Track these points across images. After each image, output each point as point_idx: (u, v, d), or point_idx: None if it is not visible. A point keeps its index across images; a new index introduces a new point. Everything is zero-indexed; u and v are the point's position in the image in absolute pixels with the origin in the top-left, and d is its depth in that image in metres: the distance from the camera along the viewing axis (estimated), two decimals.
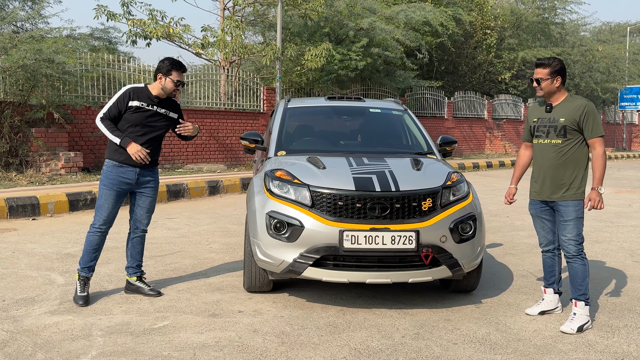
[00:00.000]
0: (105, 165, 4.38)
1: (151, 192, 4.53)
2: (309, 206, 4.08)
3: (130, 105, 4.31)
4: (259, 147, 5.21)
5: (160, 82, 4.37)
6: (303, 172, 4.32)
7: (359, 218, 4.01)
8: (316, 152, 4.93)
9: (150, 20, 13.65)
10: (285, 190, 4.21)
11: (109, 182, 4.32)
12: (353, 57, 15.73)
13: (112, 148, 4.35)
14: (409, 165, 4.53)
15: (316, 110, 5.79)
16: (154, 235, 6.80)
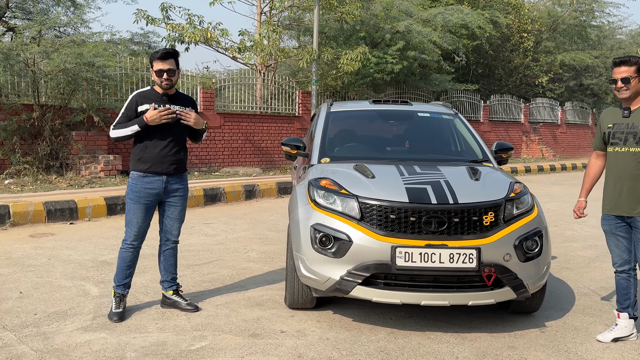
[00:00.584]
0: (130, 177, 4.03)
1: (180, 201, 4.15)
2: (358, 219, 3.66)
3: (140, 112, 3.96)
4: (300, 153, 4.82)
5: (153, 77, 3.99)
6: (350, 182, 3.91)
7: (413, 233, 3.58)
8: (362, 159, 4.51)
9: (189, 24, 13.45)
10: (331, 201, 3.81)
11: (135, 196, 3.98)
12: (389, 61, 15.25)
13: (135, 158, 4.01)
14: (466, 174, 4.08)
15: (361, 114, 5.36)
16: (191, 242, 6.49)
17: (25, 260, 5.47)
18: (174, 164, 4.02)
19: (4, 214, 7.06)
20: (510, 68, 24.40)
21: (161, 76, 3.89)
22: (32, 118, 10.39)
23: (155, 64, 3.90)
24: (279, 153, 14.73)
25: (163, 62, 3.88)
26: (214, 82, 13.47)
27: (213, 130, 13.43)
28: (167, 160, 3.98)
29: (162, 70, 3.88)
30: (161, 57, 3.89)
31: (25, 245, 6.13)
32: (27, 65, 10.30)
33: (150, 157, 3.95)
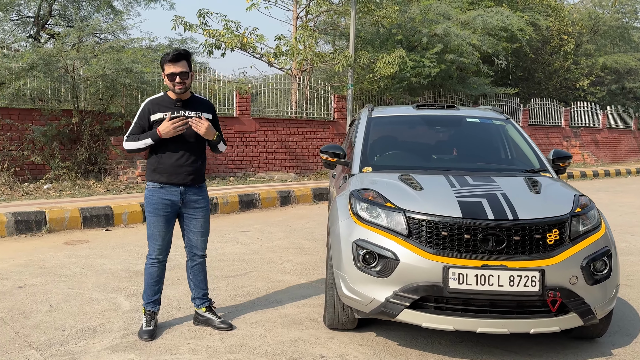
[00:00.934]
0: (146, 188, 3.76)
1: (202, 213, 3.82)
2: (405, 235, 3.30)
3: (153, 121, 3.65)
4: (340, 161, 4.47)
5: (165, 82, 3.65)
6: (396, 194, 3.55)
7: (467, 252, 3.20)
8: (407, 168, 4.14)
9: (226, 30, 13.29)
10: (375, 215, 3.46)
11: (153, 208, 3.70)
12: (426, 64, 14.78)
13: (150, 168, 3.74)
14: (525, 186, 3.67)
15: (404, 120, 4.98)
16: (226, 251, 6.23)
17: (58, 270, 5.28)
18: (191, 174, 3.71)
19: (40, 220, 6.94)
20: (550, 71, 23.55)
21: (173, 80, 3.56)
22: (72, 123, 10.36)
23: (167, 67, 3.57)
24: (314, 158, 14.44)
25: (175, 64, 3.55)
26: (250, 87, 13.28)
27: (248, 135, 13.23)
28: (184, 170, 3.69)
29: (174, 74, 3.55)
30: (172, 59, 3.55)
31: (60, 253, 5.97)
32: (66, 71, 10.27)
33: (165, 167, 3.67)
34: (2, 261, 5.52)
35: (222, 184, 11.28)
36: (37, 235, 6.83)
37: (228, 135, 12.87)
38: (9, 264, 5.44)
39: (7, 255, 5.78)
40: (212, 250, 6.21)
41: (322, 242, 6.83)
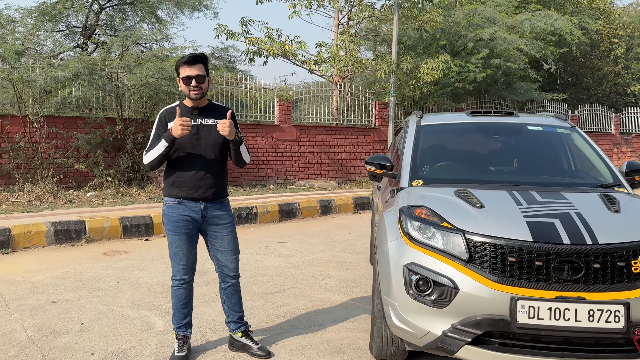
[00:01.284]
0: (164, 204, 3.41)
1: (227, 230, 3.47)
2: (465, 260, 2.87)
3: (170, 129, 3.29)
4: (387, 173, 4.05)
5: (180, 88, 3.32)
6: (453, 212, 3.12)
7: (539, 281, 2.75)
8: (462, 182, 3.70)
9: (267, 38, 13.07)
10: (429, 235, 3.04)
11: (173, 226, 3.36)
12: (471, 69, 14.19)
13: (168, 183, 3.40)
14: (601, 204, 3.19)
15: (457, 128, 4.52)
16: (265, 264, 5.90)
17: (93, 283, 5.06)
18: (212, 188, 3.38)
19: (80, 230, 6.79)
20: (599, 76, 22.47)
21: (189, 83, 3.23)
22: (115, 131, 10.30)
23: (182, 69, 3.25)
24: (354, 165, 14.05)
25: (191, 67, 3.24)
26: (291, 94, 13.00)
27: (289, 142, 12.95)
28: (204, 184, 3.35)
29: (190, 77, 3.22)
30: (188, 61, 3.24)
31: (97, 264, 5.77)
32: (110, 80, 10.23)
33: (184, 181, 3.34)
34: (39, 273, 5.35)
35: (262, 192, 11.01)
36: (77, 245, 6.68)
37: (269, 143, 12.64)
38: (45, 275, 5.26)
39: (44, 266, 5.62)
40: (251, 263, 5.91)
41: (364, 256, 6.43)
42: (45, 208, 8.20)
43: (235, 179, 12.01)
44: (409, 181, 3.79)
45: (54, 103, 9.96)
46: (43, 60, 10.01)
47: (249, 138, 12.31)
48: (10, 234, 6.22)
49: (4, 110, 9.72)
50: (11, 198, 8.67)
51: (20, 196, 8.76)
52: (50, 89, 9.87)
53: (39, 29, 13.95)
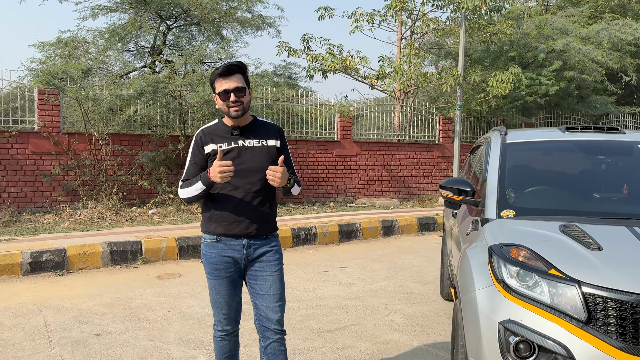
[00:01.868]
0: (202, 244, 2.81)
1: (271, 269, 2.75)
2: (582, 321, 2.18)
3: (207, 153, 2.71)
4: (468, 200, 3.36)
5: (217, 105, 2.71)
6: (563, 255, 2.43)
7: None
8: (564, 213, 2.99)
9: (328, 54, 12.64)
10: (531, 285, 2.36)
11: (212, 269, 2.74)
12: (543, 82, 13.15)
13: (205, 217, 2.79)
14: None
15: (552, 147, 3.75)
16: (324, 294, 5.32)
17: (142, 313, 4.64)
18: (256, 221, 2.71)
19: (136, 251, 6.47)
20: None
21: (227, 99, 2.63)
22: (178, 149, 10.11)
23: (218, 83, 2.65)
24: (417, 183, 13.29)
25: (227, 79, 2.63)
26: (351, 110, 12.46)
27: (349, 159, 12.39)
28: (247, 217, 2.69)
29: (227, 91, 2.62)
30: (224, 72, 2.63)
31: (149, 289, 5.38)
32: (174, 98, 10.06)
33: (223, 214, 2.70)
34: (89, 299, 5.00)
35: (322, 210, 10.48)
36: (132, 266, 6.35)
37: (329, 159, 12.13)
38: (95, 302, 4.90)
39: (96, 290, 5.28)
40: (309, 292, 5.35)
41: (433, 286, 5.72)
42: (106, 226, 8.00)
43: (296, 197, 11.56)
44: (497, 211, 3.10)
45: (120, 121, 9.90)
46: (109, 79, 9.97)
47: (308, 155, 11.85)
48: (65, 254, 5.96)
49: (72, 128, 9.72)
50: (74, 215, 8.56)
51: (83, 213, 8.64)
52: (116, 107, 9.81)
53: (109, 49, 14.15)
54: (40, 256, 5.80)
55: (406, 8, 12.46)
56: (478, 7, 11.62)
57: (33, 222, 8.12)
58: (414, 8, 12.59)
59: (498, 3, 12.31)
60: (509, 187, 3.31)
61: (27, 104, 9.13)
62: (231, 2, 14.38)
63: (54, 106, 9.14)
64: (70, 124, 9.88)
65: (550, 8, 18.56)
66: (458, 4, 11.78)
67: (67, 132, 9.34)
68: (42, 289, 5.28)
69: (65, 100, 9.44)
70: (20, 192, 8.92)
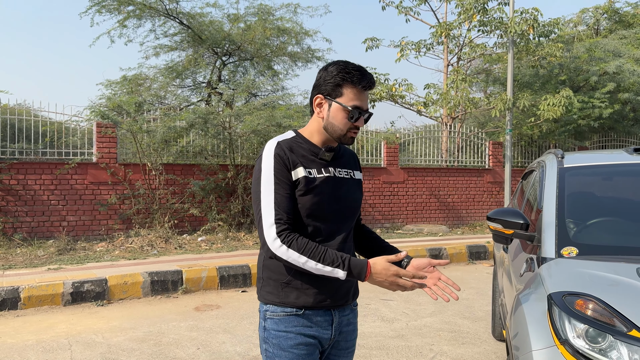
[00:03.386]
0: (270, 318, 1.82)
1: (351, 348, 1.97)
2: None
3: (297, 179, 1.77)
4: (520, 234, 2.72)
5: (319, 112, 1.82)
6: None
7: None
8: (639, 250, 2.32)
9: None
10: (605, 347, 1.73)
11: (293, 356, 1.78)
12: (596, 105, 12.12)
13: (275, 280, 1.81)
14: None
15: (619, 171, 3.05)
16: (364, 331, 4.72)
17: (172, 350, 4.21)
18: (351, 284, 1.88)
19: (177, 281, 6.11)
20: None
21: (358, 119, 1.80)
22: (227, 177, 9.88)
23: (351, 93, 1.77)
24: (466, 209, 12.45)
25: (364, 94, 1.80)
26: (398, 136, 11.89)
27: (396, 185, 11.76)
28: (344, 281, 1.78)
29: (361, 110, 1.80)
30: (366, 83, 1.78)
31: (184, 323, 4.96)
32: (224, 128, 9.88)
33: (314, 279, 1.78)
34: (122, 332, 4.63)
35: None
36: (172, 296, 5.99)
37: (375, 186, 11.55)
38: (126, 336, 4.53)
39: (130, 324, 4.92)
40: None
41: (484, 323, 5.01)
42: (154, 254, 7.75)
43: None
44: (557, 249, 2.45)
45: (174, 152, 9.80)
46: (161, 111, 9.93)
47: None
48: (106, 284, 5.67)
49: (128, 159, 9.69)
50: (126, 243, 8.39)
51: (134, 241, 8.46)
52: (170, 138, 9.72)
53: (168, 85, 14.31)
54: (82, 286, 5.54)
55: (452, 36, 11.87)
56: (526, 32, 10.89)
57: (87, 250, 7.99)
58: (459, 35, 11.99)
59: (547, 28, 11.54)
60: (569, 218, 2.65)
61: (86, 137, 9.17)
62: (281, 38, 14.25)
63: (111, 138, 9.12)
64: (127, 155, 9.87)
65: (601, 32, 17.41)
66: (505, 29, 11.11)
67: (123, 163, 9.29)
68: (79, 321, 4.97)
69: (122, 133, 9.44)
70: (78, 221, 8.88)
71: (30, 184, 8.47)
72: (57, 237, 8.25)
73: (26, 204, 8.40)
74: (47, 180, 8.61)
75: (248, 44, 14.18)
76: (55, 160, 8.79)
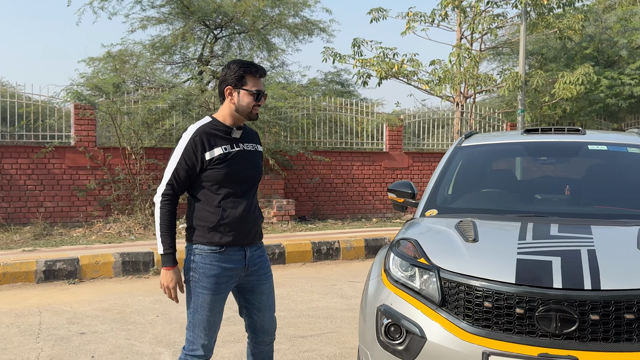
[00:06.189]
0: (198, 254, 2.82)
1: (267, 281, 3.00)
2: (437, 304, 2.63)
3: (209, 159, 2.77)
4: (409, 202, 3.85)
5: (231, 99, 2.82)
6: (438, 246, 2.88)
7: (520, 334, 2.42)
8: (484, 212, 3.39)
9: (376, 58, 13.20)
10: (410, 274, 2.83)
11: (211, 283, 2.78)
12: (626, 82, 12.92)
13: (202, 226, 2.82)
14: (633, 241, 2.72)
15: (502, 149, 4.13)
16: (318, 305, 5.87)
17: (133, 317, 5.43)
18: (257, 226, 2.94)
19: (148, 262, 7.35)
20: None
21: (258, 100, 2.83)
22: None
23: (251, 80, 2.80)
24: None
25: (260, 81, 2.85)
26: (402, 118, 12.91)
27: (400, 171, 12.81)
28: (252, 225, 2.88)
29: (260, 92, 2.82)
30: (261, 72, 2.85)
31: (149, 297, 6.18)
32: (208, 110, 11.04)
33: (231, 222, 2.80)
34: (89, 304, 5.88)
35: (360, 226, 10.97)
36: (144, 277, 7.23)
37: (376, 172, 12.63)
38: (93, 307, 5.77)
39: (98, 297, 6.16)
40: (304, 303, 5.92)
41: None
42: (131, 239, 9.02)
43: (338, 211, 12.15)
44: (423, 211, 3.57)
45: (157, 135, 11.02)
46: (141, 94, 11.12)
47: (353, 167, 12.42)
48: (78, 264, 6.94)
49: (108, 142, 10.93)
50: (104, 229, 9.68)
51: (112, 227, 9.74)
52: (150, 121, 10.94)
53: (155, 62, 15.57)
54: (54, 265, 6.81)
55: (461, 7, 12.76)
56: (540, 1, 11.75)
57: (63, 235, 9.30)
58: (469, 5, 12.88)
59: None
60: (442, 188, 3.75)
61: (63, 120, 10.47)
62: (277, 9, 15.33)
63: (90, 121, 10.40)
64: (106, 139, 11.14)
65: None
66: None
67: (103, 147, 10.55)
68: (50, 295, 6.24)
69: (101, 116, 10.68)
70: (56, 207, 10.20)
71: (7, 169, 9.82)
72: (34, 223, 9.57)
73: (2, 189, 9.75)
74: (24, 164, 9.94)
75: (241, 15, 15.31)
76: (32, 143, 10.11)
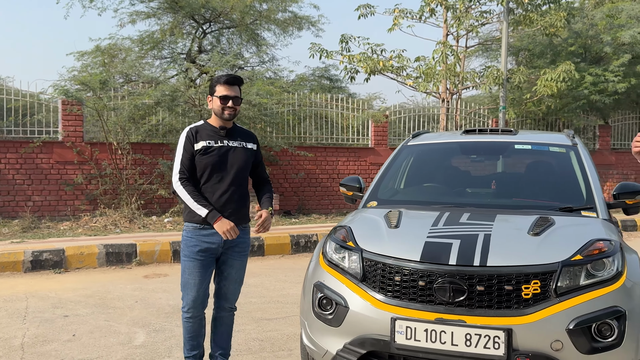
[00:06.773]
0: (185, 230, 3.70)
1: (240, 259, 3.76)
2: (359, 279, 3.23)
3: (197, 150, 3.63)
4: (357, 195, 4.47)
5: (210, 105, 3.69)
6: (365, 232, 3.48)
7: (422, 302, 3.01)
8: (415, 203, 4.00)
9: (362, 54, 13.76)
10: (342, 256, 3.43)
11: (190, 251, 3.63)
12: (610, 79, 13.51)
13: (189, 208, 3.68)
14: (527, 227, 3.32)
15: (439, 148, 4.75)
16: (289, 293, 6.46)
17: (113, 302, 6.03)
18: (235, 213, 3.66)
19: (131, 253, 7.94)
20: None
21: (226, 103, 3.60)
22: None
23: (220, 88, 3.63)
24: None
25: (230, 87, 3.63)
26: (387, 114, 13.50)
27: None
28: (228, 208, 3.64)
29: (227, 97, 3.60)
30: (228, 81, 3.64)
31: (130, 285, 6.78)
32: (193, 106, 11.62)
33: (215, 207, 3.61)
34: (73, 291, 6.48)
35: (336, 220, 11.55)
36: (127, 267, 7.83)
37: (362, 167, 13.21)
38: (76, 293, 6.37)
39: (82, 285, 6.76)
40: (276, 291, 6.52)
41: None
42: (116, 232, 9.62)
43: (323, 206, 12.74)
44: (365, 203, 4.17)
45: (143, 131, 11.60)
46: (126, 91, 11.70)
47: (339, 162, 13.01)
48: (64, 254, 7.54)
49: (95, 138, 11.53)
50: (90, 223, 10.28)
51: (98, 221, 10.34)
52: (136, 116, 11.53)
53: (143, 57, 16.14)
54: (41, 255, 7.41)
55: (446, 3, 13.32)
56: None
57: (51, 228, 9.90)
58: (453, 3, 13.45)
59: None
60: (384, 182, 4.36)
61: (51, 115, 11.05)
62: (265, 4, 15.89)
63: (77, 116, 11.00)
64: (93, 134, 11.73)
65: None
66: None
67: (90, 142, 11.15)
68: (37, 283, 6.84)
69: (88, 111, 11.27)
70: (44, 201, 10.81)
71: None
72: (23, 217, 10.17)
73: None
74: (12, 159, 10.53)
75: (230, 10, 15.87)
76: (20, 138, 10.69)
